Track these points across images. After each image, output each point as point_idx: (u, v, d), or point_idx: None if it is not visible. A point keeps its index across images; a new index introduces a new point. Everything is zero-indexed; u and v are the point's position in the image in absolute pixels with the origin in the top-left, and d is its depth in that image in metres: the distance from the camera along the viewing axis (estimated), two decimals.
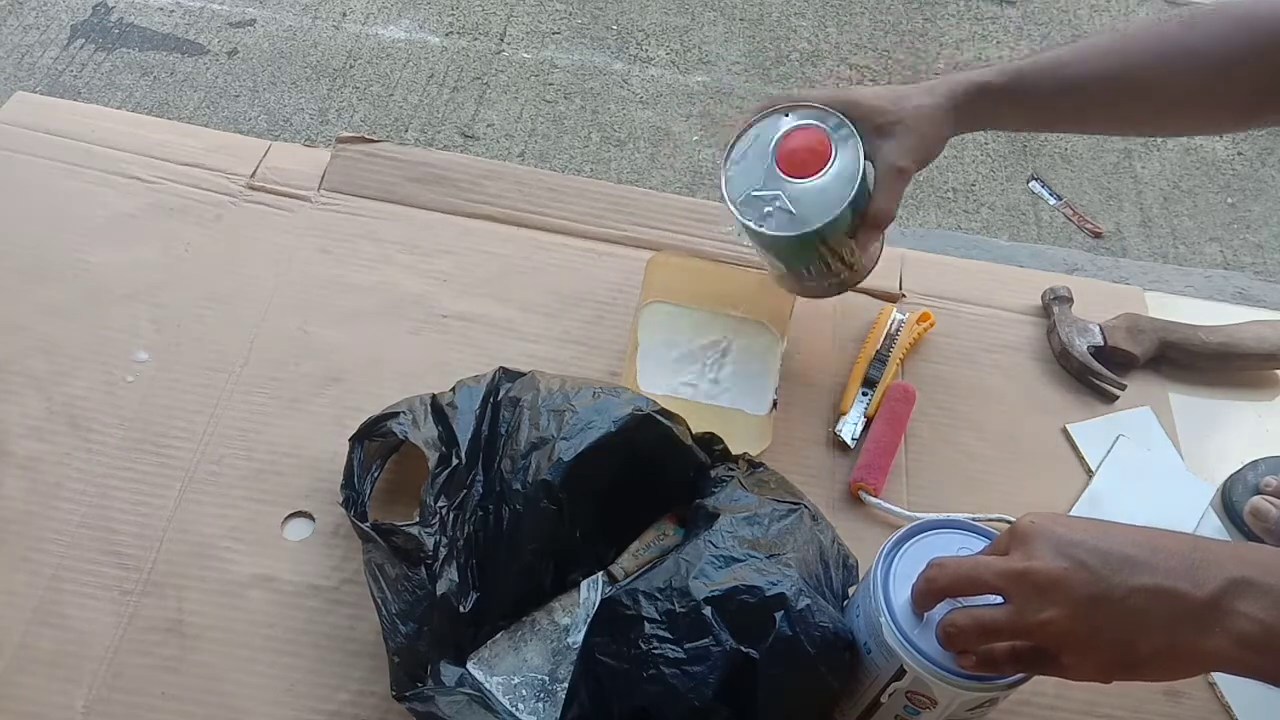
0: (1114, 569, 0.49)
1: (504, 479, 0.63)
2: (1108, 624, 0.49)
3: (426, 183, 0.90)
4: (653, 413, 0.64)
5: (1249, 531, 0.75)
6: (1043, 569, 0.50)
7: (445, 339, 0.80)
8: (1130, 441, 0.80)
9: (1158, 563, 0.49)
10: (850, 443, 0.77)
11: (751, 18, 2.35)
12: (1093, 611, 0.49)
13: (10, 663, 0.62)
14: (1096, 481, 0.78)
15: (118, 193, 0.86)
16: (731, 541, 0.59)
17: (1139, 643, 0.49)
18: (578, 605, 0.63)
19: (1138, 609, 0.49)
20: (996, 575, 0.51)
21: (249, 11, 2.22)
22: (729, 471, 0.66)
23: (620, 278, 0.82)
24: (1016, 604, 0.50)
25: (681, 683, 0.54)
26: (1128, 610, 0.49)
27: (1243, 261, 1.97)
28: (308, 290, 0.82)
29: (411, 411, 0.68)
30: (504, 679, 0.61)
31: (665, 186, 1.98)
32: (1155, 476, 0.79)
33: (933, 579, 0.53)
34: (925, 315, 0.85)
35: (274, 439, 0.73)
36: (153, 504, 0.69)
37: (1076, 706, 0.67)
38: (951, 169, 2.09)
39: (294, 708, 0.62)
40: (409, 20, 2.25)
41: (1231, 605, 0.48)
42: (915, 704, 0.55)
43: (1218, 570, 0.49)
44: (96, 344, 0.76)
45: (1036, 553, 0.50)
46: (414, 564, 0.61)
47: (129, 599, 0.65)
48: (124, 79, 2.06)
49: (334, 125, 2.02)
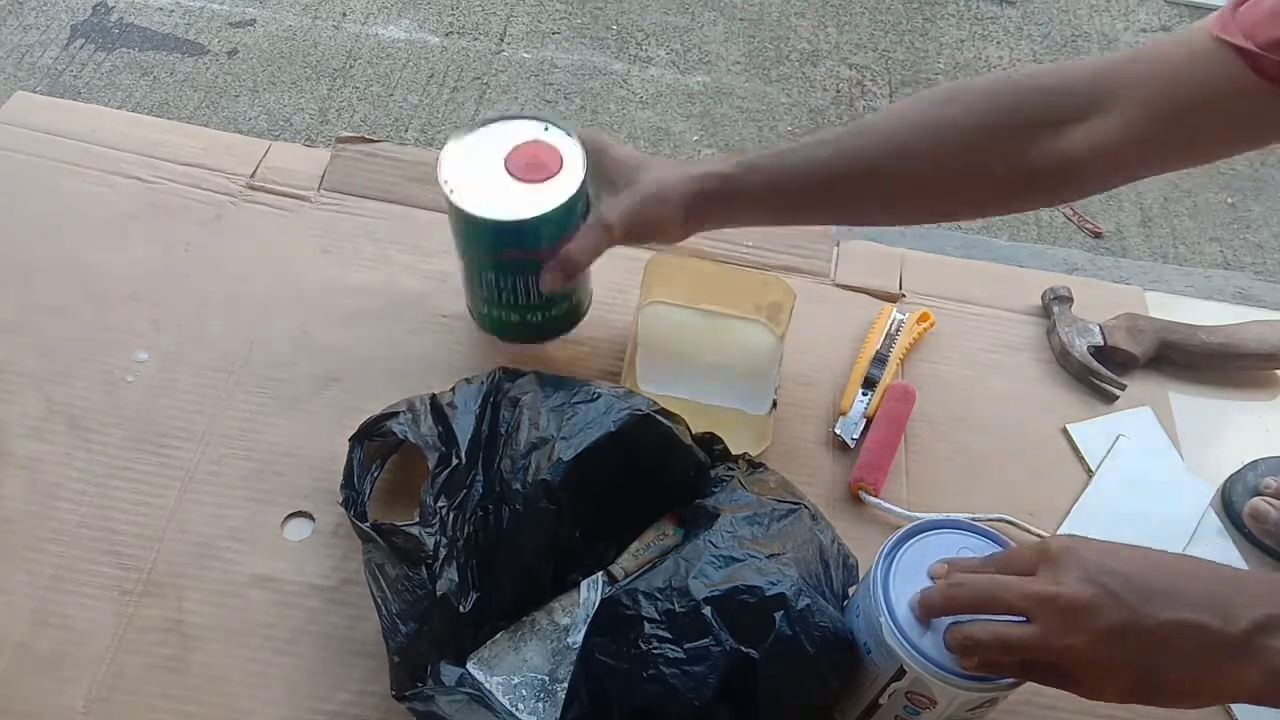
0: (1144, 599, 0.48)
1: (504, 479, 0.63)
2: (1133, 653, 0.48)
3: (426, 183, 0.90)
4: (653, 413, 0.64)
5: (1248, 532, 0.75)
6: (1070, 594, 0.49)
7: (445, 339, 0.80)
8: (1130, 440, 0.80)
9: (1190, 595, 0.49)
10: (850, 443, 0.77)
11: (751, 18, 2.35)
12: (1119, 640, 0.48)
13: (10, 663, 0.62)
14: (1096, 481, 0.78)
15: (118, 193, 0.86)
16: (731, 541, 0.59)
17: (1163, 673, 0.49)
18: (578, 605, 0.63)
19: (1165, 641, 0.48)
20: (1023, 597, 0.50)
21: (249, 11, 2.22)
22: (729, 471, 0.66)
23: (620, 278, 0.82)
24: (1041, 627, 0.50)
25: (681, 683, 0.54)
26: (1155, 642, 0.48)
27: (1243, 261, 1.97)
28: (308, 290, 0.82)
29: (411, 411, 0.68)
30: (504, 679, 0.61)
31: None
32: (1155, 476, 0.79)
33: (954, 597, 0.52)
34: (925, 315, 0.85)
35: (274, 439, 0.73)
36: (153, 504, 0.69)
37: (1077, 706, 0.66)
38: None
39: (294, 708, 0.62)
40: (409, 20, 2.25)
41: (1265, 642, 0.47)
42: (915, 704, 0.55)
43: (1252, 606, 0.48)
44: (96, 344, 0.76)
45: (1065, 576, 0.49)
46: (414, 564, 0.61)
47: (129, 599, 0.65)
48: (124, 79, 2.06)
49: (334, 125, 2.02)
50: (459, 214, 0.69)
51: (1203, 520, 0.77)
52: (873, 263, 0.90)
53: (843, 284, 0.88)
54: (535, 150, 0.70)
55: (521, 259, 0.70)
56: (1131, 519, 0.75)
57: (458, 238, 0.72)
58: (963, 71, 2.28)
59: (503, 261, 0.71)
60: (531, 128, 0.72)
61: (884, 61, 2.30)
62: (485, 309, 0.76)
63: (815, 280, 0.88)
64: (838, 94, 2.21)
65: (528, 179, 0.69)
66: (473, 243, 0.71)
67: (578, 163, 0.70)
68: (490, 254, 0.71)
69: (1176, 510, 0.77)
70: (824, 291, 0.87)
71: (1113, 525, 0.74)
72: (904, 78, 2.26)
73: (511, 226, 0.68)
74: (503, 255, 0.70)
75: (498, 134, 0.72)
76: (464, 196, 0.68)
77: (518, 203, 0.68)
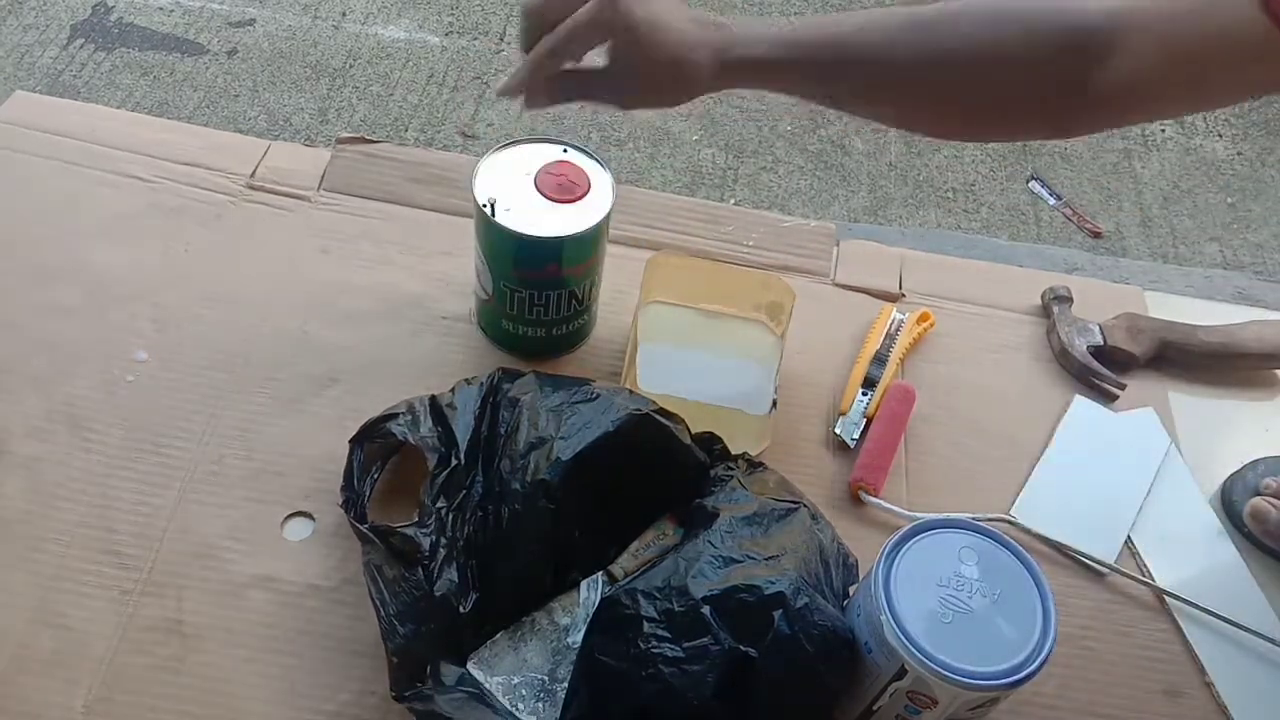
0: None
1: (503, 479, 0.63)
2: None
3: (426, 183, 0.90)
4: (652, 412, 0.64)
5: (1248, 532, 0.75)
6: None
7: (445, 339, 0.80)
8: (1086, 401, 0.82)
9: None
10: (850, 443, 0.77)
11: (751, 18, 2.35)
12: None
13: (10, 663, 0.61)
14: (1054, 444, 0.79)
15: (118, 193, 0.86)
16: (731, 541, 0.59)
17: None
18: (577, 605, 0.63)
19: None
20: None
21: (249, 11, 2.22)
22: (728, 471, 0.66)
23: (620, 278, 0.82)
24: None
25: (680, 682, 0.54)
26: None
27: (1243, 261, 1.97)
28: (308, 290, 0.82)
29: (411, 412, 0.68)
30: (504, 679, 0.61)
31: (665, 186, 1.98)
32: (1112, 434, 0.80)
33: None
34: (925, 315, 0.85)
35: (274, 439, 0.73)
36: (153, 504, 0.69)
37: (1076, 706, 0.67)
38: (951, 169, 2.09)
39: (294, 708, 0.62)
40: (409, 20, 2.25)
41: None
42: (916, 703, 0.55)
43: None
44: (96, 344, 0.76)
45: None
46: (411, 565, 0.61)
47: (129, 599, 0.65)
48: (124, 79, 2.06)
49: (334, 125, 2.02)
50: (492, 228, 0.71)
51: (1200, 514, 0.77)
52: (873, 263, 0.90)
53: (843, 284, 0.88)
54: (565, 170, 0.73)
55: (540, 277, 0.73)
56: (1093, 478, 0.78)
57: (483, 250, 0.74)
58: None
59: (526, 277, 0.73)
60: (554, 151, 0.75)
61: None
62: (500, 320, 0.77)
63: (815, 280, 0.88)
64: None
65: (558, 199, 0.72)
66: (498, 256, 0.73)
67: (606, 187, 0.73)
68: (514, 268, 0.73)
69: (1136, 462, 0.79)
70: (824, 291, 0.87)
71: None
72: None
73: (538, 242, 0.70)
74: (525, 270, 0.73)
75: (527, 154, 0.75)
76: (500, 212, 0.71)
77: (548, 220, 0.71)
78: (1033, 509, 0.75)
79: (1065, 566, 0.73)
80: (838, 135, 2.13)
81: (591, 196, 0.73)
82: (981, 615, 0.55)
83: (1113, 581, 0.73)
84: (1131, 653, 0.69)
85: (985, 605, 0.55)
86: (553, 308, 0.75)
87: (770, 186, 2.03)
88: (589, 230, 0.71)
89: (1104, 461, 0.78)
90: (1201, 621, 0.71)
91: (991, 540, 0.57)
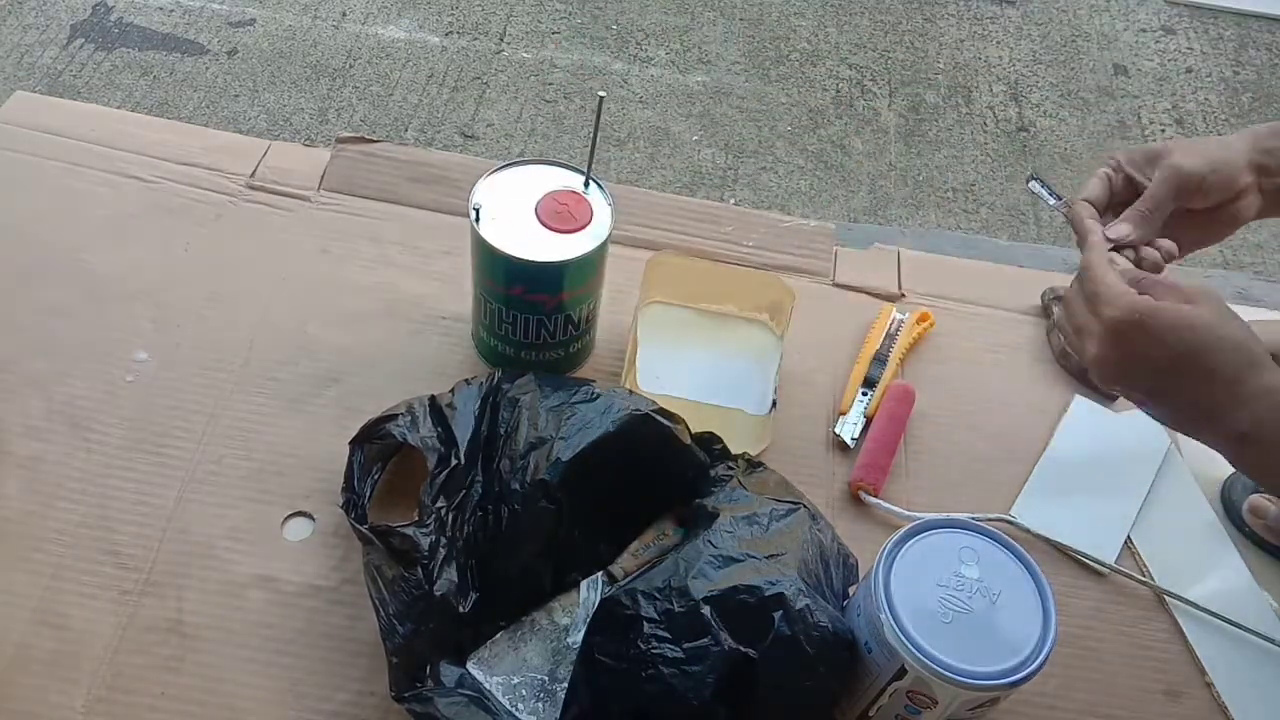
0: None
1: (503, 479, 0.63)
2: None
3: (426, 183, 0.90)
4: (652, 412, 0.64)
5: (1249, 532, 0.75)
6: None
7: (445, 339, 0.80)
8: (1086, 401, 0.82)
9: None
10: (850, 443, 0.77)
11: (751, 18, 2.35)
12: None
13: (10, 663, 0.61)
14: (1054, 445, 0.79)
15: (118, 193, 0.86)
16: (731, 541, 0.59)
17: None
18: (577, 605, 0.63)
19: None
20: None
21: (249, 11, 2.22)
22: (728, 471, 0.66)
23: (620, 278, 0.82)
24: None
25: (680, 682, 0.54)
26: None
27: (1243, 261, 1.97)
28: (308, 290, 0.82)
29: (410, 413, 0.68)
30: (503, 679, 0.61)
31: (665, 186, 1.98)
32: (1112, 434, 0.80)
33: None
34: (925, 315, 0.85)
35: (274, 439, 0.73)
36: (153, 504, 0.69)
37: (1077, 706, 0.67)
38: (951, 169, 2.09)
39: (294, 708, 0.62)
40: (409, 20, 2.25)
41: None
42: (916, 703, 0.55)
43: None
44: (96, 344, 0.76)
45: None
46: (410, 565, 0.61)
47: (129, 599, 0.65)
48: (124, 79, 2.06)
49: (334, 125, 2.02)
50: (480, 242, 0.70)
51: (1201, 514, 0.77)
52: (873, 263, 0.90)
53: (843, 284, 0.88)
54: (557, 199, 0.72)
55: (530, 300, 0.71)
56: (1089, 477, 0.78)
57: (475, 264, 0.73)
58: (962, 71, 2.28)
59: (512, 297, 0.72)
60: (572, 179, 0.74)
61: (884, 61, 2.30)
62: (485, 336, 0.76)
63: (815, 280, 0.88)
64: (837, 94, 2.21)
65: (556, 227, 0.70)
66: (487, 273, 0.72)
67: (606, 218, 0.71)
68: (503, 287, 0.72)
69: (1132, 461, 0.79)
70: (824, 291, 0.87)
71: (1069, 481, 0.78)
72: (904, 78, 2.26)
73: (529, 267, 0.69)
74: (513, 291, 0.71)
75: (535, 176, 0.73)
76: (488, 227, 0.69)
77: (541, 246, 0.69)
78: (1033, 509, 0.75)
79: (1065, 566, 0.73)
80: (838, 135, 2.13)
81: (591, 228, 0.71)
82: (981, 615, 0.55)
83: (1113, 581, 0.73)
84: (1131, 653, 0.69)
85: (985, 605, 0.55)
86: (532, 333, 0.74)
87: (770, 186, 2.03)
88: (577, 259, 0.69)
89: (1104, 461, 0.78)
90: (1201, 621, 0.71)
91: (991, 540, 0.57)
